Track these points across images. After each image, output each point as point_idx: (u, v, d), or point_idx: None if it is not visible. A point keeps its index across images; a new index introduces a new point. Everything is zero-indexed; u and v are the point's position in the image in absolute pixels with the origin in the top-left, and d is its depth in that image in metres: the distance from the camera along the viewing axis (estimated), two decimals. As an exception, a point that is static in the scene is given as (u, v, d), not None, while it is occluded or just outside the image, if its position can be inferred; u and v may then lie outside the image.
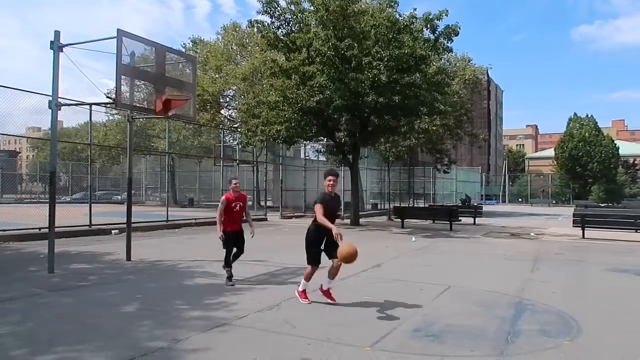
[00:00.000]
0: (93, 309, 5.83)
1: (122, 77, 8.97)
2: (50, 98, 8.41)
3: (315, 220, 5.99)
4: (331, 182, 6.10)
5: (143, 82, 12.09)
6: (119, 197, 37.82)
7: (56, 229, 8.89)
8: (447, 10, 16.65)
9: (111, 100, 11.06)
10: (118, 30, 8.35)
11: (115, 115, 35.26)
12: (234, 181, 7.52)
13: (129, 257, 9.54)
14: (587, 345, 4.70)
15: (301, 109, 17.36)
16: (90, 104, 13.86)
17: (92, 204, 15.00)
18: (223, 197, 7.36)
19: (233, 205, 7.35)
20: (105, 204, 27.98)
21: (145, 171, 42.17)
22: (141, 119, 25.12)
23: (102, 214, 16.30)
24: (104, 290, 6.92)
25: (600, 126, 50.24)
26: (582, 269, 9.50)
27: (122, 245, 9.99)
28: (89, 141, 16.15)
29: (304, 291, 6.17)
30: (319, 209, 5.91)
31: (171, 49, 10.80)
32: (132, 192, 11.12)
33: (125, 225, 10.19)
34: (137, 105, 12.39)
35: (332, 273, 6.05)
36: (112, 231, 14.41)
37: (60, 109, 8.62)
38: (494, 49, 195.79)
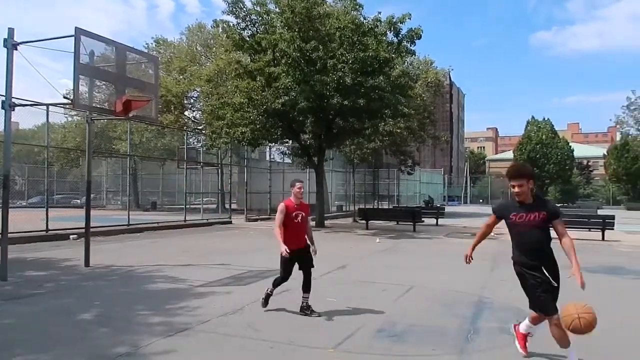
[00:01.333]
0: (49, 317, 5.64)
1: (81, 77, 8.71)
2: (4, 98, 8.10)
3: None
4: (515, 189, 3.96)
5: (103, 82, 11.78)
6: (79, 201, 36.68)
7: (10, 235, 8.55)
8: (410, 14, 16.95)
9: (69, 101, 10.72)
10: (76, 28, 8.13)
11: (74, 117, 34.18)
12: (297, 184, 5.86)
13: (87, 263, 9.27)
14: (543, 341, 4.85)
15: (266, 110, 17.31)
16: (47, 105, 13.45)
17: (50, 208, 14.52)
18: (282, 205, 5.79)
19: (294, 214, 5.77)
20: (64, 208, 27.12)
21: (106, 174, 41.04)
22: (101, 120, 24.46)
23: (60, 218, 15.80)
24: (61, 297, 6.69)
25: (556, 129, 52.02)
26: (539, 267, 9.81)
27: (80, 251, 9.69)
28: (46, 143, 15.64)
29: (524, 336, 4.41)
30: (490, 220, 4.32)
31: (132, 49, 10.57)
32: (92, 195, 10.83)
33: (84, 230, 9.90)
34: (97, 106, 12.04)
35: (554, 336, 4.00)
36: (71, 236, 13.94)
37: (14, 110, 8.30)
38: (456, 54, 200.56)
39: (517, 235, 4.06)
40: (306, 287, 5.78)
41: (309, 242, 5.92)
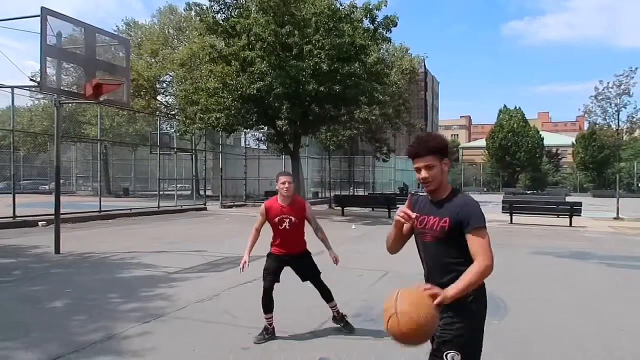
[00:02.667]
0: (18, 305, 5.50)
1: (48, 59, 8.45)
2: (-34, 80, 7.79)
3: None
4: (422, 173, 2.43)
5: (72, 64, 11.42)
6: (47, 187, 35.76)
7: (-25, 221, 8.28)
8: (386, 1, 16.89)
9: (36, 84, 10.37)
10: (42, 8, 7.85)
11: (42, 100, 33.16)
12: (280, 179, 4.43)
13: (57, 250, 9.06)
14: (514, 324, 4.99)
15: (241, 96, 17.08)
16: (12, 87, 13.05)
17: (17, 194, 14.12)
18: (262, 207, 4.57)
19: (277, 220, 4.48)
20: (32, 194, 26.46)
21: (76, 159, 40.03)
22: (70, 104, 23.79)
23: (28, 204, 15.40)
24: (31, 285, 6.53)
25: (527, 118, 53.12)
26: (509, 252, 10.05)
27: (50, 238, 9.46)
28: (12, 127, 15.16)
29: None
30: None
31: (102, 30, 10.28)
32: (62, 181, 10.55)
33: (53, 217, 9.66)
34: (65, 89, 11.69)
35: None
36: (39, 223, 13.60)
37: (-23, 92, 8.00)
38: (430, 42, 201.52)
39: (419, 250, 2.60)
40: (325, 296, 4.79)
41: (327, 248, 4.77)
